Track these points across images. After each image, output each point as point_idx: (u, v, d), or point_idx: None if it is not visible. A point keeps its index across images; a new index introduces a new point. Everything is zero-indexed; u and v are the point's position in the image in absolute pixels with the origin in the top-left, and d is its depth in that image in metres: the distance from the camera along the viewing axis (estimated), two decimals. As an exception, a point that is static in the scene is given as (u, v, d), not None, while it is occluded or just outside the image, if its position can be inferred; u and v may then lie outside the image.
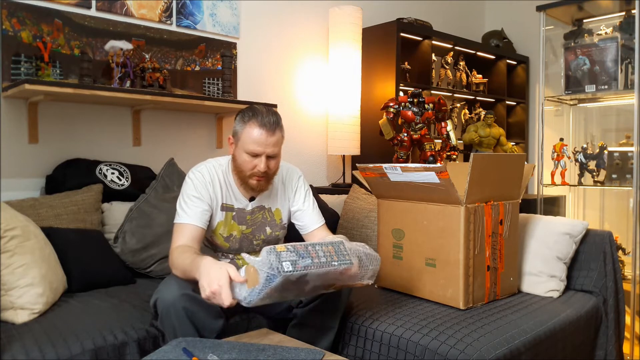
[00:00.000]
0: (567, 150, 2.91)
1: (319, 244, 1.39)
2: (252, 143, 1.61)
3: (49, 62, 2.21)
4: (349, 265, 1.39)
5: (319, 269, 1.32)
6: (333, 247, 1.40)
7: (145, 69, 2.38)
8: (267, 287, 1.26)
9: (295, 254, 1.30)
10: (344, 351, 1.73)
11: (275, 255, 1.26)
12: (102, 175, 2.24)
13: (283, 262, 1.26)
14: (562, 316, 1.78)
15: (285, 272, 1.25)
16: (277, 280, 1.25)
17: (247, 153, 1.63)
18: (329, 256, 1.36)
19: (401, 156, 2.80)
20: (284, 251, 1.29)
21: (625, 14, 2.90)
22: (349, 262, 1.39)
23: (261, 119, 1.62)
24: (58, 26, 2.26)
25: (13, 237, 1.61)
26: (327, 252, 1.37)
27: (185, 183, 1.69)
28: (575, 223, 2.07)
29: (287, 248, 1.30)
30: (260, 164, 1.62)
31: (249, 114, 1.65)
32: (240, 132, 1.65)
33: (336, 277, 1.40)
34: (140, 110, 2.52)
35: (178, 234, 1.62)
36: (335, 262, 1.36)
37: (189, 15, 2.70)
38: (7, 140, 2.16)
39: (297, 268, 1.28)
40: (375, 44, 3.36)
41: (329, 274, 1.36)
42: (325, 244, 1.40)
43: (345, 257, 1.40)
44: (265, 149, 1.62)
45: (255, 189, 1.70)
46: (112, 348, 1.46)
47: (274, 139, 1.63)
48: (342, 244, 1.43)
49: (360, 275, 1.45)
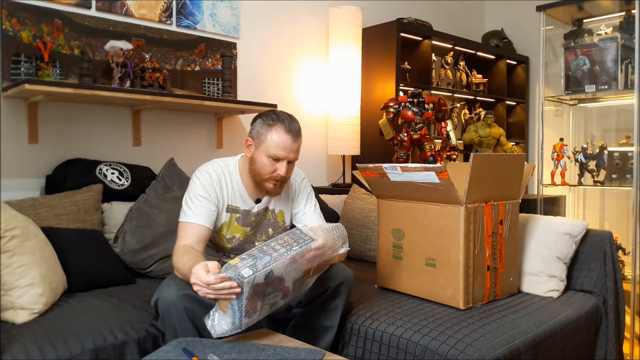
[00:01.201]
0: (567, 150, 2.91)
1: (274, 239, 1.42)
2: (277, 147, 1.61)
3: (49, 62, 2.21)
4: (311, 242, 1.41)
5: (281, 260, 1.34)
6: (289, 237, 1.43)
7: (145, 69, 2.38)
8: (241, 302, 1.27)
9: (251, 259, 1.32)
10: (344, 351, 1.73)
11: (232, 269, 1.28)
12: (102, 175, 2.24)
13: (241, 270, 1.28)
14: (562, 316, 1.78)
15: (246, 278, 1.26)
16: (244, 290, 1.26)
17: (269, 157, 1.63)
18: (287, 245, 1.39)
19: (401, 156, 2.80)
20: (239, 262, 1.31)
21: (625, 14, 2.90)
22: (310, 240, 1.42)
23: (288, 125, 1.63)
24: (58, 26, 2.26)
25: (13, 237, 1.61)
26: (284, 242, 1.40)
27: (193, 182, 1.69)
28: (575, 223, 2.07)
29: (240, 258, 1.33)
30: (282, 168, 1.63)
31: (274, 117, 1.64)
32: (263, 135, 1.63)
33: (310, 259, 1.42)
34: (140, 110, 2.52)
35: (183, 233, 1.61)
36: (296, 246, 1.39)
37: (189, 15, 2.70)
38: (7, 140, 2.16)
39: (257, 269, 1.29)
40: (375, 44, 3.36)
41: (297, 260, 1.38)
42: (281, 237, 1.43)
43: (304, 238, 1.42)
44: (289, 154, 1.63)
45: (271, 192, 1.71)
46: (112, 348, 1.46)
47: (296, 145, 1.65)
48: (298, 229, 1.48)
49: (331, 246, 1.47)
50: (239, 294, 1.27)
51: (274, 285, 1.35)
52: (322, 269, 1.52)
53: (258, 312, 1.35)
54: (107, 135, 2.43)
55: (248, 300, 1.28)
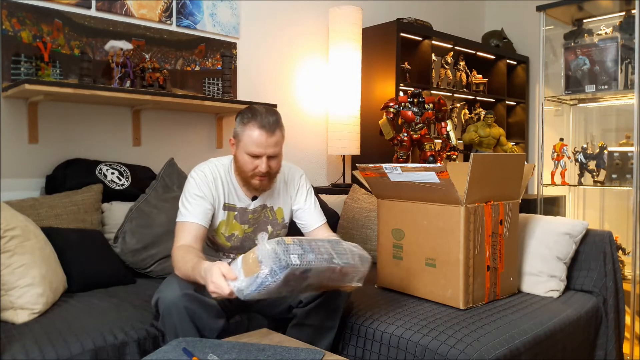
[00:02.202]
0: (567, 150, 2.91)
1: (320, 240, 1.38)
2: (253, 145, 1.61)
3: (49, 62, 2.21)
4: (347, 264, 1.38)
5: (321, 265, 1.31)
6: (331, 245, 1.40)
7: (145, 69, 2.38)
8: (272, 279, 1.24)
9: (301, 247, 1.29)
10: (344, 351, 1.73)
11: (283, 247, 1.25)
12: (102, 175, 2.24)
13: (291, 254, 1.25)
14: (562, 316, 1.78)
15: (292, 265, 1.24)
16: (283, 273, 1.24)
17: (247, 154, 1.63)
18: (330, 253, 1.36)
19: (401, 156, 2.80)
20: (291, 244, 1.28)
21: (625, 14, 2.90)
22: (348, 262, 1.39)
23: (260, 120, 1.62)
24: (58, 26, 2.26)
25: (13, 237, 1.61)
26: (328, 249, 1.37)
27: (188, 182, 1.69)
28: (575, 223, 2.07)
29: (293, 241, 1.29)
30: (262, 165, 1.63)
31: (248, 115, 1.65)
32: (240, 133, 1.65)
33: (331, 277, 1.39)
34: (140, 110, 2.52)
35: (181, 233, 1.62)
36: (336, 259, 1.36)
37: (189, 15, 2.70)
38: (7, 140, 2.16)
39: (303, 262, 1.27)
40: (375, 44, 3.35)
41: (328, 271, 1.35)
42: (324, 242, 1.39)
43: (344, 255, 1.39)
44: (266, 150, 1.62)
45: (258, 188, 1.71)
46: (112, 348, 1.46)
47: (274, 140, 1.63)
48: (339, 242, 1.43)
49: (351, 277, 1.44)
50: (275, 274, 1.24)
51: (297, 282, 1.32)
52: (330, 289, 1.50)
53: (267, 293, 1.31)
54: (107, 135, 2.43)
55: (275, 282, 1.25)
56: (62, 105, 2.30)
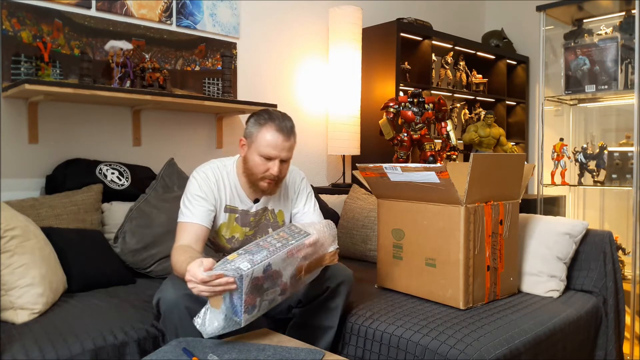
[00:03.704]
0: (567, 150, 2.91)
1: (270, 235, 1.42)
2: (268, 146, 1.61)
3: (49, 62, 2.21)
4: (306, 237, 1.42)
5: (278, 254, 1.34)
6: (285, 232, 1.44)
7: (145, 69, 2.38)
8: (240, 297, 1.27)
9: (248, 253, 1.32)
10: (344, 351, 1.73)
11: (229, 264, 1.28)
12: (102, 175, 2.24)
13: (239, 264, 1.27)
14: (562, 316, 1.78)
15: (245, 271, 1.26)
16: (244, 284, 1.26)
17: (261, 156, 1.63)
18: (283, 239, 1.39)
19: (401, 156, 2.80)
20: (236, 257, 1.31)
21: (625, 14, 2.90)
22: (306, 234, 1.43)
23: (278, 123, 1.62)
24: (58, 26, 2.26)
25: (13, 237, 1.61)
26: (280, 237, 1.40)
27: (190, 182, 1.69)
28: (575, 223, 2.07)
29: (238, 253, 1.33)
30: (274, 168, 1.63)
31: (265, 116, 1.64)
32: (255, 134, 1.64)
33: (305, 255, 1.42)
34: (140, 110, 2.52)
35: (181, 233, 1.62)
36: (292, 240, 1.40)
37: (189, 15, 2.70)
38: (7, 140, 2.16)
39: (255, 263, 1.29)
40: (375, 44, 3.35)
41: (294, 254, 1.38)
42: (277, 232, 1.44)
43: (300, 233, 1.43)
44: (280, 153, 1.62)
45: (265, 191, 1.71)
46: (112, 348, 1.46)
47: (288, 144, 1.64)
48: (293, 225, 1.48)
49: (322, 243, 1.47)
50: (237, 289, 1.26)
51: (272, 280, 1.35)
52: (314, 268, 1.50)
53: (257, 308, 1.34)
54: (107, 135, 2.43)
55: (247, 295, 1.28)
56: (62, 105, 2.30)
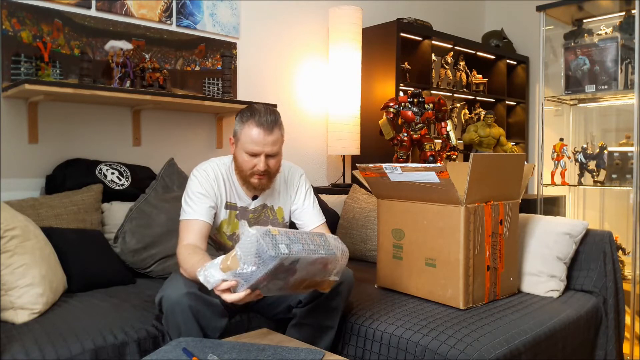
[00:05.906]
0: (567, 150, 2.91)
1: (305, 232, 1.38)
2: (251, 143, 1.62)
3: (49, 62, 2.21)
4: (332, 255, 1.38)
5: (309, 255, 1.31)
6: (318, 238, 1.39)
7: (145, 69, 2.38)
8: (262, 271, 1.23)
9: (287, 238, 1.28)
10: (344, 351, 1.73)
11: (270, 237, 1.24)
12: (102, 175, 2.24)
13: (279, 244, 1.23)
14: (562, 316, 1.78)
15: (281, 255, 1.22)
16: (272, 264, 1.22)
17: (246, 153, 1.64)
18: (316, 245, 1.35)
19: (401, 156, 2.80)
20: (278, 235, 1.26)
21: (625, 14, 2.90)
22: (333, 253, 1.39)
23: (259, 119, 1.62)
24: (58, 26, 2.26)
25: (13, 237, 1.61)
26: (314, 241, 1.36)
27: (190, 180, 1.70)
28: (575, 223, 2.07)
29: (279, 232, 1.28)
30: (260, 164, 1.63)
31: (247, 113, 1.66)
32: (239, 132, 1.66)
33: (315, 270, 1.38)
34: (140, 110, 2.52)
35: (185, 231, 1.62)
36: (322, 250, 1.35)
37: (189, 15, 2.70)
38: (7, 140, 2.16)
39: (291, 251, 1.25)
40: (375, 44, 3.35)
41: (315, 264, 1.34)
42: (310, 234, 1.39)
43: (329, 248, 1.39)
44: (264, 148, 1.63)
45: (257, 187, 1.71)
46: (112, 348, 1.46)
47: (272, 138, 1.63)
48: (323, 235, 1.42)
49: (331, 269, 1.42)
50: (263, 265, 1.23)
51: (287, 275, 1.31)
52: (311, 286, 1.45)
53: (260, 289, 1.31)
54: (107, 135, 2.43)
55: (266, 273, 1.24)
56: (62, 105, 2.30)
